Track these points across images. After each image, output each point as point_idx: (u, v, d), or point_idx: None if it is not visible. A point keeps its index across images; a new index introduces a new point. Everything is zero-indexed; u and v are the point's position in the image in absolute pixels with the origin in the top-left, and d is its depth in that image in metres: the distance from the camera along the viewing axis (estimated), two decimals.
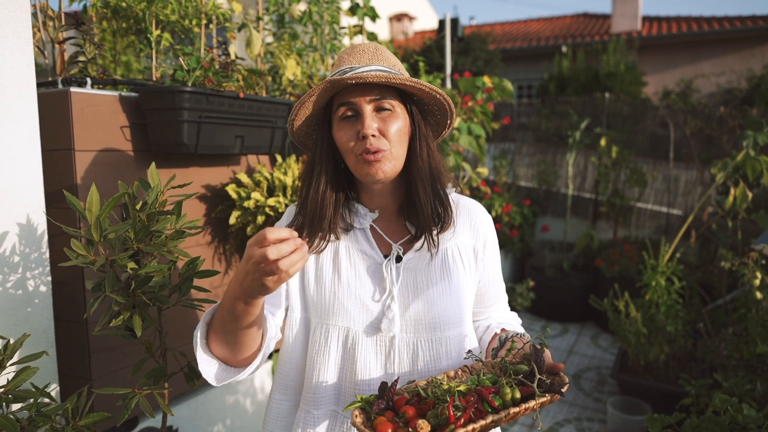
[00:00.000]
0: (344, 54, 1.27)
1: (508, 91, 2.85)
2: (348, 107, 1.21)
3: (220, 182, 2.21)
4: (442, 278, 1.27)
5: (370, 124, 1.18)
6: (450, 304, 1.26)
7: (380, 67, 1.22)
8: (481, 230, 1.36)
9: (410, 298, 1.25)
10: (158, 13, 2.11)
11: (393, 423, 0.96)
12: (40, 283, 1.56)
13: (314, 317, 1.28)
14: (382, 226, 1.32)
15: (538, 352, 1.05)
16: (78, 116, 1.71)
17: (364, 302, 1.24)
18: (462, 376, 1.14)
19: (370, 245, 1.29)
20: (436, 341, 1.24)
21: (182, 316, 2.11)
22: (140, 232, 1.23)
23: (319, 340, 1.25)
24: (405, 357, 1.23)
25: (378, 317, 1.23)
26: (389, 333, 1.22)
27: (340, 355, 1.25)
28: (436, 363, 1.24)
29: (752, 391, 2.72)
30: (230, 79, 1.89)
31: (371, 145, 1.18)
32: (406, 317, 1.23)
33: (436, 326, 1.24)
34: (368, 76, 1.15)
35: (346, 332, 1.24)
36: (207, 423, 2.24)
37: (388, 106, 1.21)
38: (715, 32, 12.27)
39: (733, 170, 3.44)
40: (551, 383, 1.02)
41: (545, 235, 6.73)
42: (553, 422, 3.68)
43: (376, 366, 1.23)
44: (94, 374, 1.79)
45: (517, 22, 17.81)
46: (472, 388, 1.03)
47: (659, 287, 3.53)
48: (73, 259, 1.22)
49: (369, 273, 1.27)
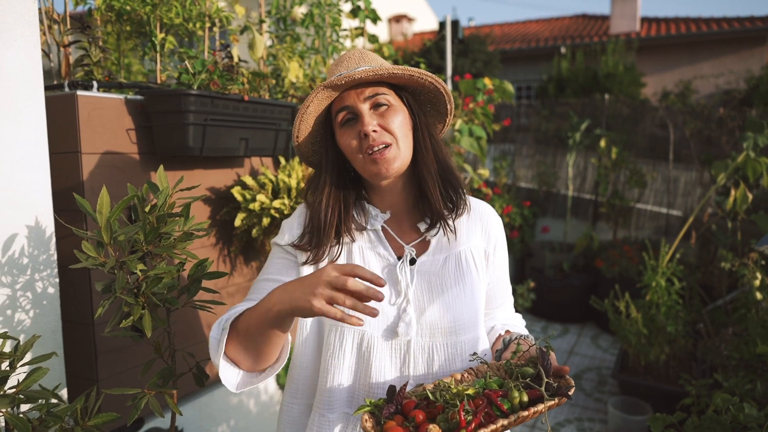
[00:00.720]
0: (332, 66, 1.30)
1: (508, 93, 2.87)
2: (346, 111, 1.23)
3: (224, 185, 2.23)
4: (457, 282, 1.27)
5: (369, 121, 1.20)
6: (465, 307, 1.26)
7: (367, 66, 1.24)
8: (492, 233, 1.37)
9: (425, 302, 1.25)
10: (162, 16, 2.13)
11: (404, 428, 0.96)
12: (48, 285, 1.57)
13: (328, 320, 1.28)
14: (393, 227, 1.33)
15: (545, 355, 1.07)
16: (85, 119, 1.72)
17: (379, 305, 1.23)
18: (468, 379, 1.15)
19: (383, 246, 1.29)
20: (451, 345, 1.24)
21: (186, 318, 2.12)
22: (150, 234, 1.24)
23: (334, 342, 1.25)
24: (420, 361, 1.23)
25: (395, 321, 1.23)
26: (406, 337, 1.22)
27: (355, 358, 1.24)
28: (451, 366, 1.24)
29: (752, 391, 2.73)
30: (235, 81, 1.91)
31: (374, 141, 1.20)
32: (422, 321, 1.23)
33: (452, 331, 1.24)
34: (355, 73, 1.17)
35: (361, 335, 1.23)
36: (211, 424, 2.25)
37: (384, 101, 1.23)
38: (714, 33, 12.30)
39: (733, 171, 3.46)
40: (558, 386, 1.03)
41: (545, 236, 6.75)
42: (554, 422, 3.70)
43: (391, 370, 1.23)
44: (101, 375, 1.81)
45: (516, 23, 17.83)
46: (480, 391, 1.04)
47: (659, 288, 3.55)
48: (84, 261, 1.24)
49: (383, 275, 1.27)
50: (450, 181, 1.31)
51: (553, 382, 1.05)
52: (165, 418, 2.06)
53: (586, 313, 5.61)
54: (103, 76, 2.02)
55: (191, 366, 1.37)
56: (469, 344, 1.27)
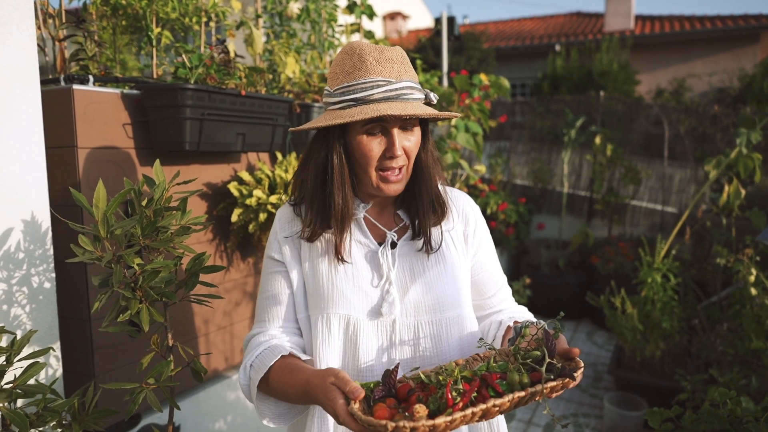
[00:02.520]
0: (370, 58, 1.19)
1: (504, 88, 2.87)
2: (377, 124, 1.21)
3: (221, 180, 2.22)
4: (437, 262, 1.31)
5: (400, 146, 1.22)
6: (447, 285, 1.30)
7: (411, 83, 1.22)
8: (470, 216, 1.41)
9: (408, 282, 1.28)
10: (159, 10, 2.12)
11: (392, 409, 0.96)
12: (44, 280, 1.56)
13: (314, 310, 1.28)
14: (374, 215, 1.36)
15: (550, 336, 1.05)
16: (81, 113, 1.71)
17: (363, 288, 1.26)
18: (474, 364, 1.14)
19: (363, 234, 1.32)
20: (436, 323, 1.27)
21: (184, 313, 2.11)
22: (147, 227, 1.24)
23: (322, 329, 1.26)
24: (407, 340, 1.26)
25: (378, 302, 1.26)
26: (390, 316, 1.25)
27: (342, 342, 1.26)
28: (437, 345, 1.27)
29: (747, 386, 2.75)
30: (233, 76, 1.90)
31: (396, 165, 1.23)
32: (406, 301, 1.26)
33: (436, 308, 1.27)
34: (420, 114, 1.16)
35: (347, 319, 1.25)
36: (208, 419, 2.25)
37: (411, 125, 1.25)
38: (708, 31, 12.35)
39: (726, 168, 3.47)
40: (562, 367, 1.01)
41: (541, 233, 6.75)
42: (550, 418, 3.71)
43: (379, 350, 1.25)
44: (98, 370, 1.80)
45: (511, 21, 17.85)
46: (479, 374, 1.03)
47: (655, 284, 3.56)
48: (80, 255, 1.23)
49: (365, 260, 1.29)
50: (437, 193, 1.35)
51: (560, 363, 1.03)
52: (163, 413, 2.05)
53: (582, 309, 5.62)
54: (98, 71, 2.00)
55: (189, 361, 1.36)
56: (454, 321, 1.30)
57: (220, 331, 2.30)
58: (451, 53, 11.46)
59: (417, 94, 1.22)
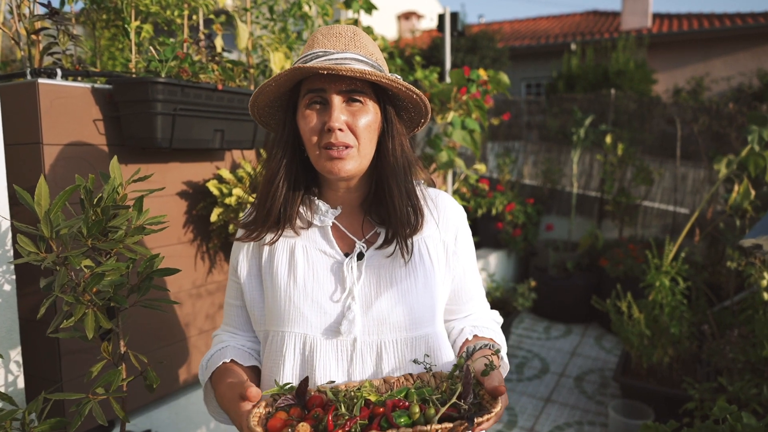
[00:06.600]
0: (319, 35, 1.16)
1: (503, 84, 2.75)
2: (316, 94, 1.12)
3: (202, 178, 2.14)
4: (408, 275, 1.18)
5: (338, 117, 1.09)
6: (417, 302, 1.17)
7: (356, 55, 1.12)
8: (451, 222, 1.27)
9: (373, 296, 1.15)
10: (138, 3, 2.05)
11: (287, 420, 0.94)
12: (3, 282, 1.49)
13: (271, 326, 1.20)
14: (344, 222, 1.24)
15: (468, 374, 0.97)
16: (46, 108, 1.64)
17: (321, 305, 1.15)
18: (401, 385, 1.06)
19: (329, 244, 1.20)
20: (401, 342, 1.15)
21: (162, 316, 2.04)
22: (93, 227, 1.16)
23: (274, 350, 1.17)
24: (369, 360, 1.14)
25: (337, 319, 1.14)
26: (350, 335, 1.13)
27: (298, 363, 1.16)
28: (404, 366, 1.15)
29: (758, 396, 2.62)
30: (206, 70, 1.82)
31: (336, 140, 1.10)
32: (369, 317, 1.14)
33: (402, 326, 1.15)
34: (342, 68, 1.04)
35: (303, 339, 1.15)
36: (189, 426, 2.18)
37: (359, 98, 1.12)
38: (727, 29, 12.09)
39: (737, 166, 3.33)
40: (468, 409, 0.92)
41: (549, 235, 6.62)
42: (553, 426, 3.59)
43: (338, 372, 1.14)
44: (65, 376, 1.73)
45: (526, 20, 17.67)
46: (389, 398, 0.96)
47: (663, 287, 3.43)
48: (25, 257, 1.16)
49: (329, 273, 1.18)
50: (412, 196, 1.21)
51: (477, 401, 0.96)
52: (139, 421, 1.98)
53: (590, 313, 5.48)
54: (73, 65, 1.94)
55: (142, 370, 1.28)
56: (422, 342, 1.18)
57: (203, 334, 2.22)
58: (464, 53, 11.33)
59: (360, 65, 1.10)
